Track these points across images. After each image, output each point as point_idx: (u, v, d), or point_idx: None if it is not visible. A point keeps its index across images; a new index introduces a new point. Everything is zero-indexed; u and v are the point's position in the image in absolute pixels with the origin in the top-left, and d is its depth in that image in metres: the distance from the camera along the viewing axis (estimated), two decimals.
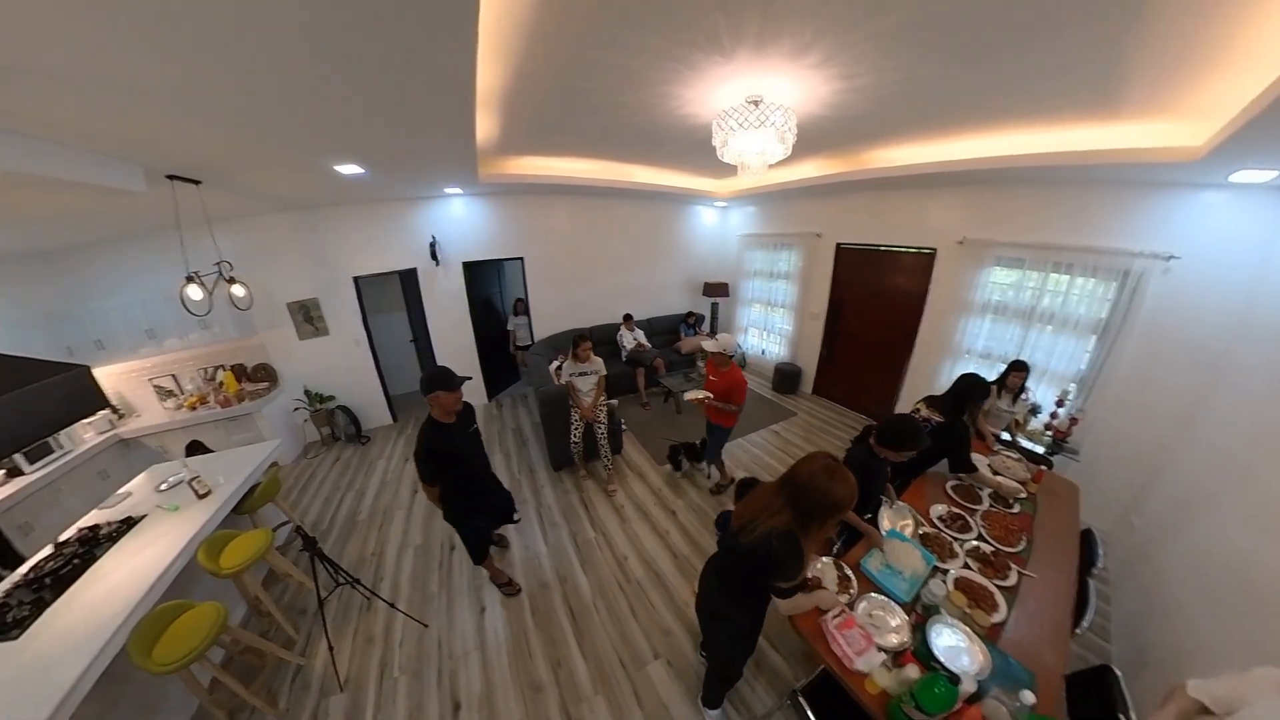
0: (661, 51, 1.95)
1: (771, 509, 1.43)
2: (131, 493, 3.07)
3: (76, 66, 1.38)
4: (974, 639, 1.65)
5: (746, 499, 1.58)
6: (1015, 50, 1.85)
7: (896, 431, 2.11)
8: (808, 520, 1.40)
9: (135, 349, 4.28)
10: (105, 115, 1.77)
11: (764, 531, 1.41)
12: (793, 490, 1.41)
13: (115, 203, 2.91)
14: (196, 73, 1.51)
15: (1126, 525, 2.94)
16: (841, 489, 1.38)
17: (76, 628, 1.97)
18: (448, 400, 2.21)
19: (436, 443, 2.23)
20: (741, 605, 1.70)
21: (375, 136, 2.48)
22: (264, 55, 1.44)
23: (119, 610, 2.03)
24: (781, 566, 1.43)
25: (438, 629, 2.70)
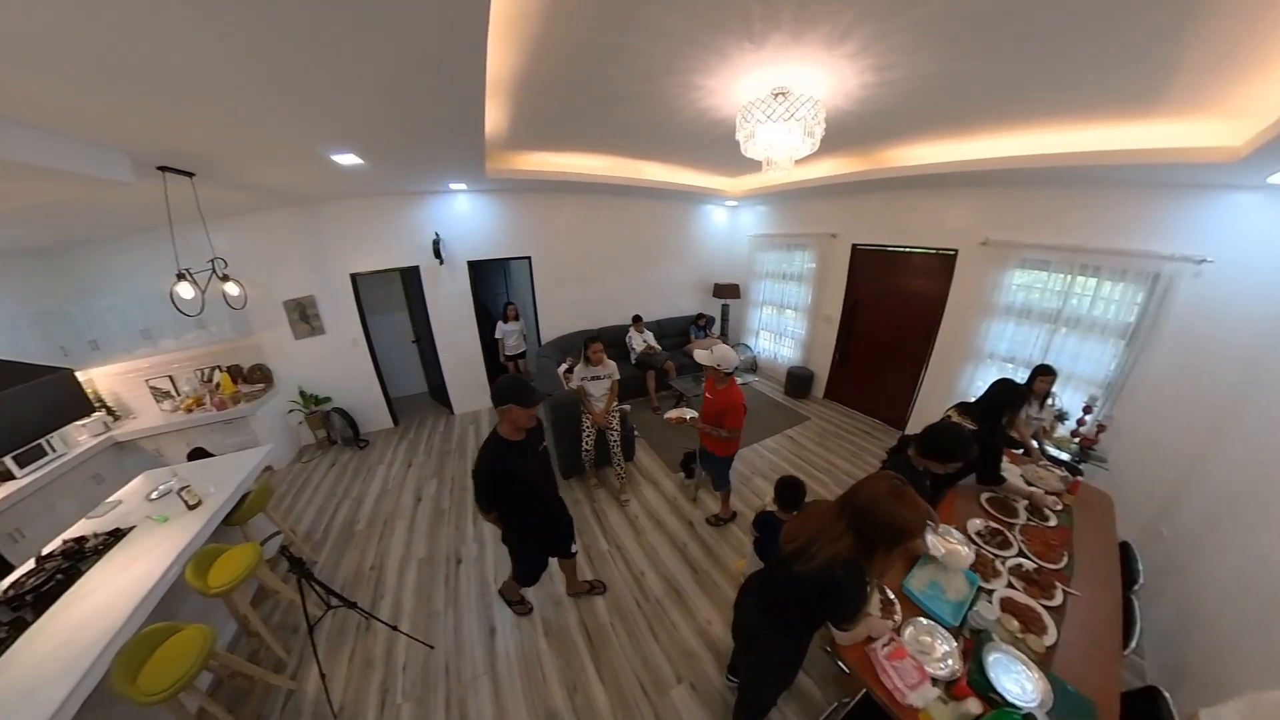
0: (686, 35, 1.82)
1: (832, 533, 1.30)
2: (122, 501, 2.90)
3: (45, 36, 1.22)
4: (1031, 666, 1.54)
5: (800, 519, 1.45)
6: (1062, 45, 1.75)
7: (943, 440, 1.94)
8: (872, 547, 1.27)
9: (131, 349, 4.13)
10: (80, 93, 1.61)
11: (825, 559, 1.28)
12: (854, 513, 1.29)
13: (104, 195, 2.74)
14: (179, 47, 1.37)
15: (1154, 535, 2.83)
16: (909, 513, 1.25)
17: (58, 652, 1.81)
18: (521, 416, 1.95)
19: (501, 462, 1.98)
20: (786, 634, 1.56)
21: (375, 123, 2.33)
22: (253, 27, 1.30)
23: (103, 633, 1.87)
24: (845, 598, 1.33)
25: (444, 651, 2.52)
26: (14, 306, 3.68)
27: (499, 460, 1.99)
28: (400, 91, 1.92)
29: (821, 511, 1.39)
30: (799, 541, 1.36)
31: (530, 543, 2.36)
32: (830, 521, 1.32)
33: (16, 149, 1.78)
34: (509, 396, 1.92)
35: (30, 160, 1.84)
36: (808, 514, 1.44)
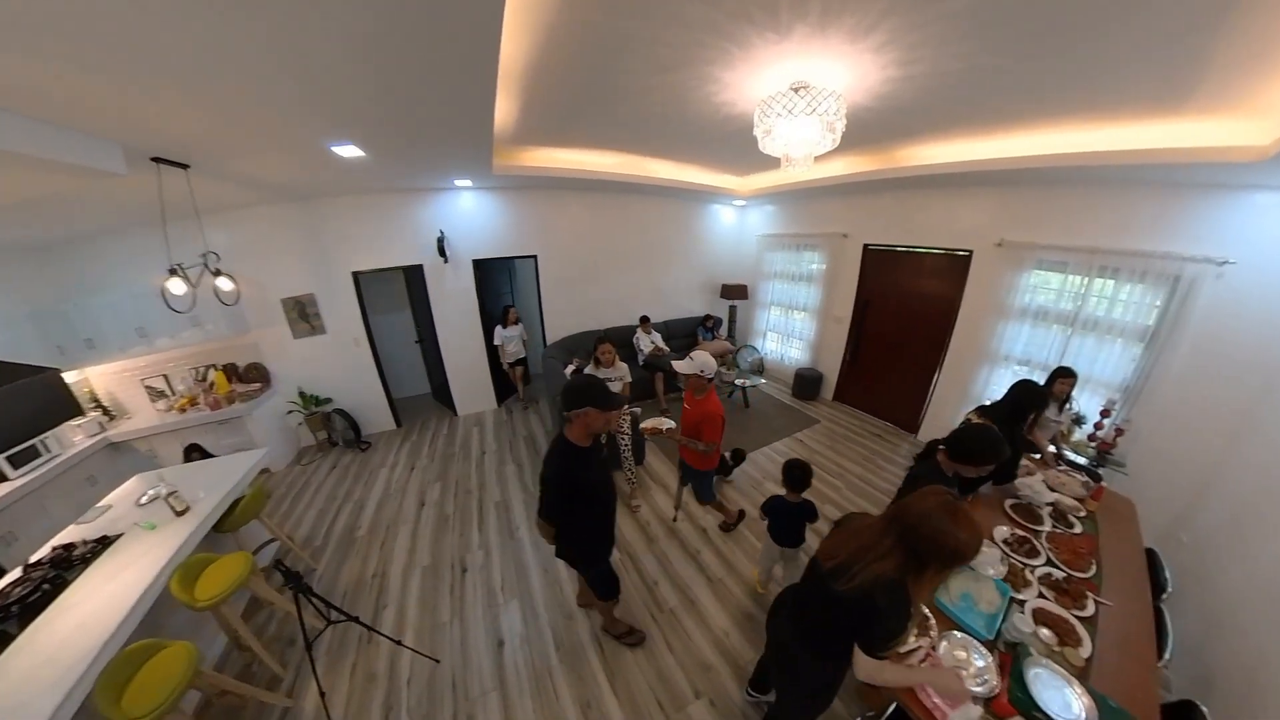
0: (710, 24, 1.76)
1: (877, 551, 1.20)
2: (112, 505, 2.78)
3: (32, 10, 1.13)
4: (1073, 681, 1.49)
5: (840, 534, 1.34)
6: (1095, 38, 1.70)
7: (977, 443, 1.86)
8: (921, 568, 1.17)
9: (126, 348, 4.02)
10: (71, 76, 1.50)
11: (867, 579, 1.18)
12: (903, 530, 1.19)
13: (95, 189, 2.65)
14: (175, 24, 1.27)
15: (1175, 542, 2.77)
16: (964, 533, 1.14)
17: (40, 670, 1.70)
18: (597, 420, 1.76)
19: (574, 471, 1.80)
20: (827, 658, 1.45)
21: (379, 112, 2.23)
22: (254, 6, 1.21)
23: (86, 651, 1.76)
24: (881, 621, 1.22)
25: (451, 665, 2.41)
26: (10, 306, 3.58)
27: (572, 469, 1.80)
28: (407, 78, 1.82)
29: (864, 527, 1.29)
30: (839, 559, 1.26)
31: (601, 555, 2.17)
32: (875, 538, 1.22)
33: (2, 137, 1.67)
34: (587, 399, 1.73)
35: (17, 149, 1.74)
36: (849, 529, 1.33)
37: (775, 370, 6.61)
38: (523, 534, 3.39)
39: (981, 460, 1.84)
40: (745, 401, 5.58)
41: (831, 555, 1.30)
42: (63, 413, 2.19)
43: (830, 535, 1.40)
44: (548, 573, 3.00)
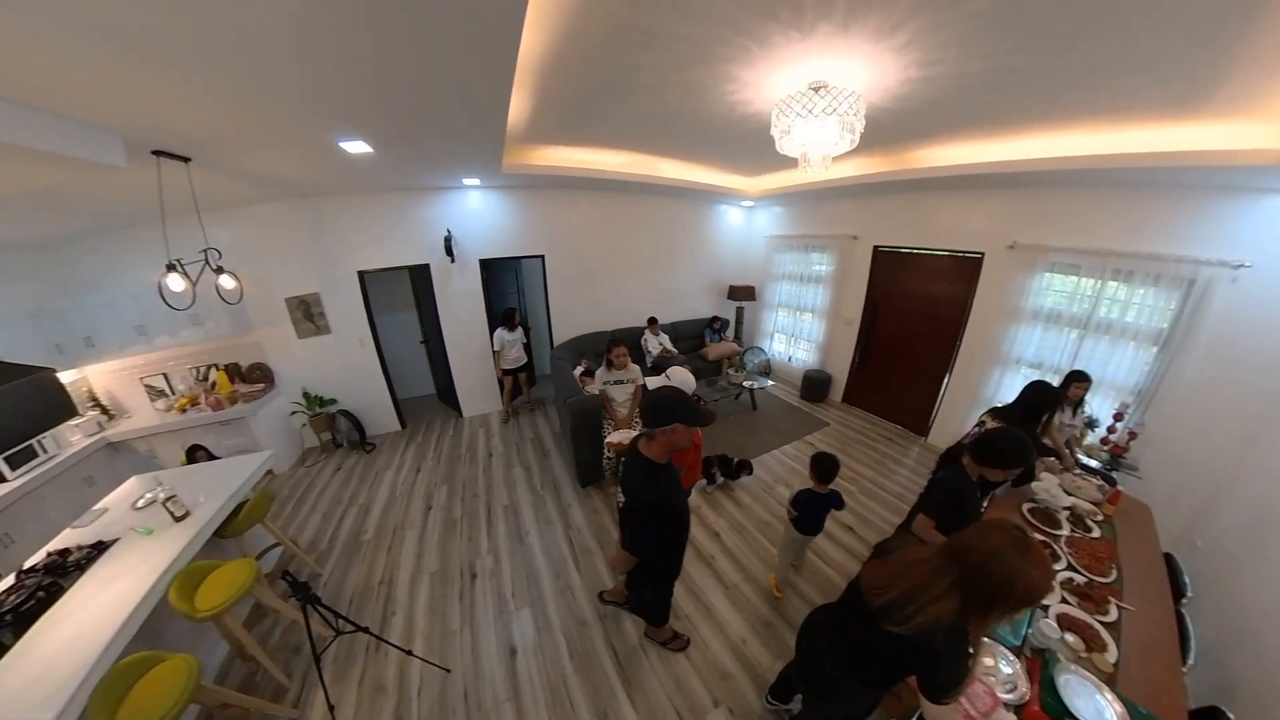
0: (731, 21, 1.73)
1: (933, 591, 1.08)
2: (108, 509, 2.70)
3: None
4: (1103, 688, 1.47)
5: (891, 568, 1.22)
6: (1122, 37, 1.68)
7: (1005, 447, 1.83)
8: (985, 610, 1.06)
9: (125, 346, 3.94)
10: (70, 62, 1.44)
11: (925, 622, 1.07)
12: (966, 571, 1.07)
13: (94, 182, 2.57)
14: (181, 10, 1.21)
15: (1188, 546, 2.75)
16: (1037, 572, 1.03)
17: (35, 684, 1.62)
18: (684, 437, 1.64)
19: (667, 493, 1.67)
20: (871, 687, 1.40)
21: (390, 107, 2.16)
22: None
23: (80, 664, 1.68)
24: (945, 668, 1.13)
25: (462, 675, 2.33)
26: (8, 304, 3.50)
27: (664, 491, 1.67)
28: (423, 72, 1.76)
29: (915, 562, 1.17)
30: (889, 595, 1.15)
31: (671, 581, 2.07)
32: (930, 577, 1.11)
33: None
34: (677, 414, 1.60)
35: (12, 139, 1.66)
36: (900, 563, 1.21)
37: (783, 372, 6.56)
38: (532, 539, 3.31)
39: (1010, 463, 1.82)
40: (753, 403, 5.52)
41: (879, 589, 1.18)
42: (58, 414, 2.11)
43: (874, 565, 1.29)
44: (559, 579, 2.93)
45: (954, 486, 1.92)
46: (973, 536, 1.11)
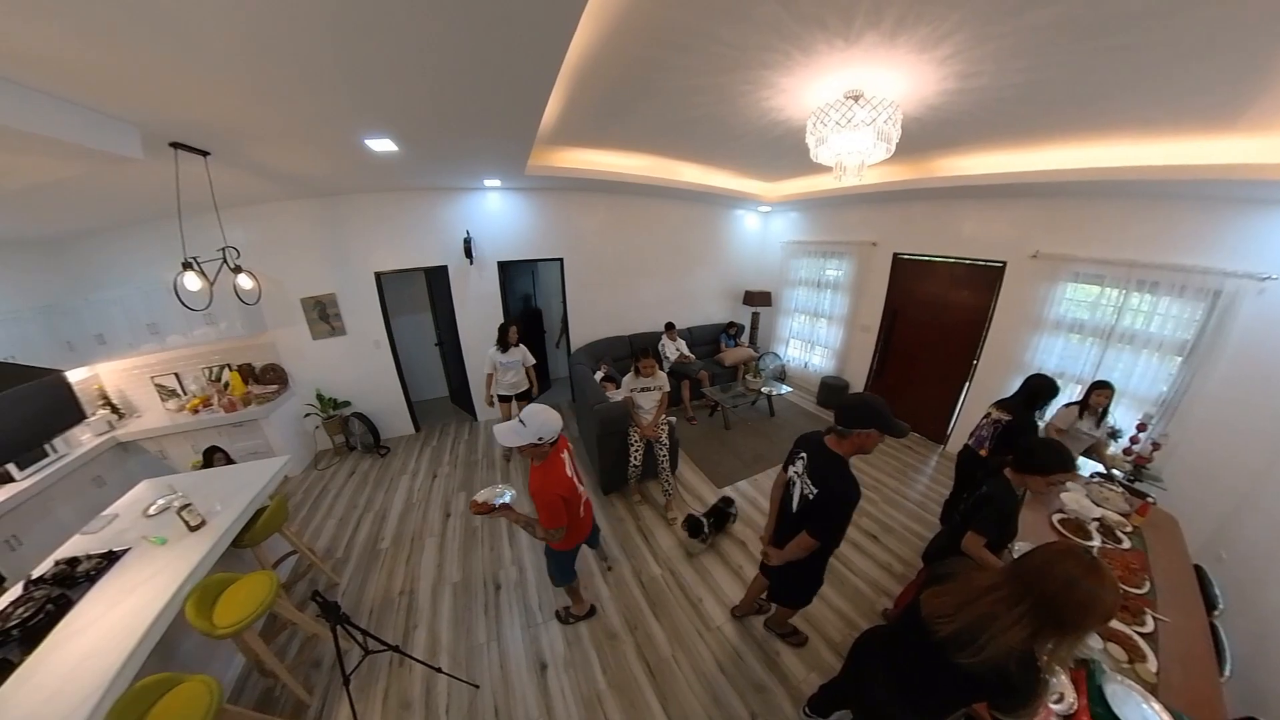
0: (777, 26, 1.71)
1: (1005, 621, 1.06)
2: (119, 515, 2.58)
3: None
4: (1149, 697, 1.48)
5: (953, 595, 1.17)
6: (1161, 61, 1.70)
7: (1046, 454, 1.82)
8: (1061, 635, 1.04)
9: (137, 345, 3.86)
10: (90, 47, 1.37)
11: (999, 652, 1.05)
12: (1041, 600, 1.04)
13: (109, 175, 2.49)
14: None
15: (1214, 558, 2.71)
16: (1110, 594, 1.02)
17: (46, 706, 1.52)
18: (873, 443, 1.69)
19: (845, 488, 1.72)
20: (923, 714, 1.34)
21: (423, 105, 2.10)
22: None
23: (94, 686, 1.56)
24: (1019, 694, 1.10)
25: (491, 691, 2.23)
26: (20, 301, 3.43)
27: (853, 484, 1.72)
28: (464, 72, 1.71)
29: (981, 590, 1.13)
30: (956, 625, 1.12)
31: (820, 564, 2.07)
32: (1001, 606, 1.08)
33: (13, 114, 1.53)
34: (879, 421, 1.63)
35: (29, 128, 1.60)
36: (964, 591, 1.17)
37: (799, 378, 6.50)
38: None
39: (1051, 470, 1.81)
40: (770, 410, 5.46)
41: (944, 616, 1.15)
42: (67, 418, 2.02)
43: (935, 593, 1.23)
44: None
45: (1006, 504, 1.88)
46: (1044, 563, 1.08)
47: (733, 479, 4.05)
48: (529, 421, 1.90)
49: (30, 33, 1.27)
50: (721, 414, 5.16)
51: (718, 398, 5.02)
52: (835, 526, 1.78)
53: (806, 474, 1.80)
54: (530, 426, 1.89)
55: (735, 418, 5.17)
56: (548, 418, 1.93)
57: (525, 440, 1.90)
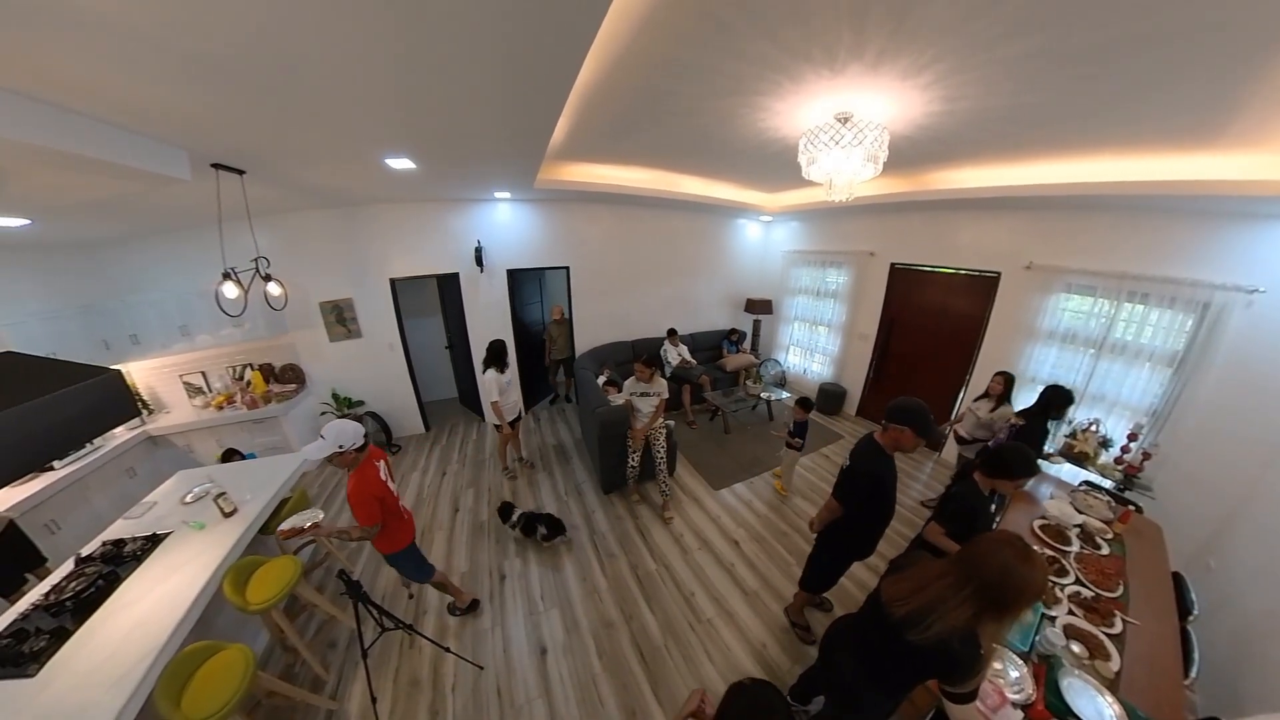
0: (767, 60, 1.84)
1: (952, 603, 1.20)
2: (158, 502, 2.82)
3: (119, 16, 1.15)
4: (1104, 691, 1.58)
5: (908, 581, 1.33)
6: (1139, 86, 1.79)
7: (1012, 457, 1.99)
8: (1000, 617, 1.18)
9: (168, 344, 4.11)
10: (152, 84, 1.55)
11: (943, 630, 1.20)
12: (983, 586, 1.18)
13: (155, 191, 2.71)
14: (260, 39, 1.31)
15: (1202, 567, 2.78)
16: (1039, 575, 1.17)
17: (103, 667, 1.72)
18: (907, 441, 1.91)
19: (881, 469, 2.00)
20: (888, 695, 1.52)
21: (440, 130, 2.29)
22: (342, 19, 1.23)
23: (148, 649, 1.78)
24: (961, 668, 1.25)
25: (494, 672, 2.41)
26: (60, 300, 3.69)
27: (879, 465, 1.99)
28: (477, 102, 1.89)
29: (933, 577, 1.28)
30: (910, 607, 1.27)
31: (852, 552, 2.30)
32: (949, 591, 1.22)
33: (84, 143, 1.73)
34: (914, 421, 1.87)
35: (96, 155, 1.79)
36: (918, 578, 1.32)
37: (799, 384, 6.62)
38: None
39: (1018, 474, 1.98)
40: (770, 414, 5.59)
41: (900, 601, 1.30)
42: (121, 414, 2.25)
43: (893, 580, 1.39)
44: (585, 582, 3.01)
45: (969, 502, 2.04)
46: (983, 552, 1.22)
47: (729, 482, 4.19)
48: (327, 434, 2.05)
49: (120, 78, 1.47)
50: (721, 418, 5.31)
51: (718, 402, 5.16)
52: (856, 497, 2.04)
53: (849, 453, 2.10)
54: (329, 438, 2.04)
55: (735, 422, 5.32)
56: (344, 427, 2.08)
57: (327, 451, 2.04)
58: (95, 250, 3.97)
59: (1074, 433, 3.46)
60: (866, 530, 2.19)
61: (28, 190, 2.35)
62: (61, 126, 1.63)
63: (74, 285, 3.83)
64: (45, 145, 1.60)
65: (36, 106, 1.56)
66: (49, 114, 1.60)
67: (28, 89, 1.50)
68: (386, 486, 2.23)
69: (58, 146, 1.63)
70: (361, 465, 2.15)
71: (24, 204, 2.59)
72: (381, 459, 2.29)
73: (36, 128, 1.57)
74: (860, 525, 2.15)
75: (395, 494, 2.33)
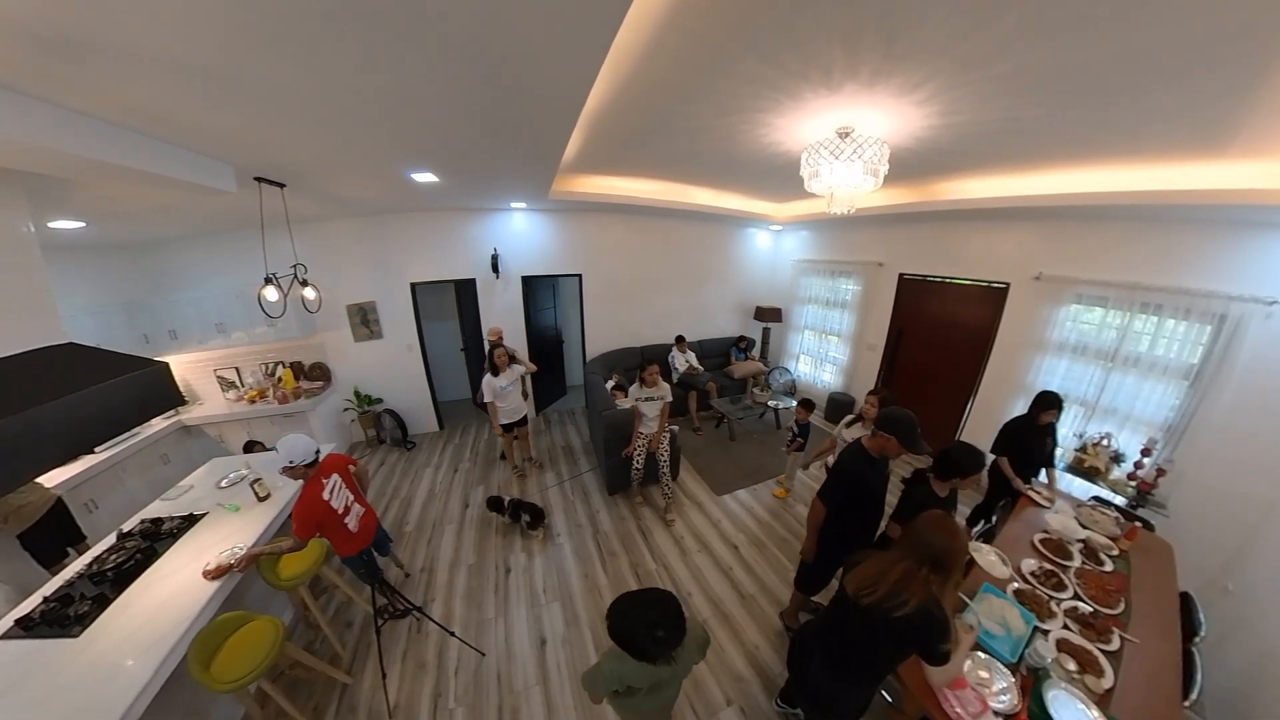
0: (767, 80, 1.92)
1: (919, 579, 1.40)
2: (193, 486, 3.04)
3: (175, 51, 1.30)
4: (1091, 706, 1.57)
5: (867, 569, 1.50)
6: (1134, 95, 1.78)
7: (959, 455, 2.09)
8: (947, 580, 1.41)
9: (204, 341, 4.40)
10: (202, 109, 1.74)
11: (922, 599, 1.38)
12: (933, 559, 1.40)
13: (203, 201, 2.97)
14: (304, 76, 1.48)
15: (1220, 590, 2.67)
16: (962, 539, 1.46)
17: (139, 632, 1.89)
18: (892, 448, 2.05)
19: (858, 465, 2.11)
20: (867, 685, 1.62)
21: (462, 148, 2.47)
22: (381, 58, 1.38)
23: (182, 617, 1.94)
24: (938, 631, 1.42)
25: (495, 659, 2.53)
26: (105, 297, 4.00)
27: (860, 466, 2.11)
28: (495, 124, 2.06)
29: (892, 564, 1.45)
30: (881, 592, 1.41)
31: (837, 555, 2.32)
32: (912, 570, 1.41)
33: (144, 159, 1.94)
34: (899, 430, 2.00)
35: (154, 170, 2.00)
36: (876, 566, 1.48)
37: (808, 393, 6.55)
38: (563, 540, 3.52)
39: (968, 470, 2.07)
40: (777, 423, 5.62)
41: (868, 589, 1.44)
42: (166, 402, 2.45)
43: (856, 574, 1.53)
44: (587, 578, 3.11)
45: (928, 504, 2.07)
46: (925, 537, 1.43)
47: (731, 488, 4.24)
48: (280, 448, 2.16)
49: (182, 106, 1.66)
50: (727, 425, 5.37)
51: (724, 409, 5.22)
52: (836, 494, 2.15)
53: (838, 453, 2.23)
54: (281, 452, 2.15)
55: (741, 429, 5.36)
56: (294, 443, 2.16)
57: (279, 464, 2.17)
58: (140, 251, 4.29)
59: (1084, 447, 3.40)
60: (855, 529, 2.24)
61: (91, 198, 2.62)
62: (127, 145, 1.84)
63: (119, 283, 4.15)
64: (115, 162, 1.81)
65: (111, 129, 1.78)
66: (119, 135, 1.81)
67: (110, 117, 1.72)
68: (328, 506, 2.22)
69: (123, 163, 1.84)
70: (309, 482, 2.20)
71: (84, 209, 2.86)
72: (336, 472, 2.33)
73: (110, 147, 1.78)
74: (847, 523, 2.21)
75: (342, 510, 2.31)
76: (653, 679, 1.40)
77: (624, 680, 1.39)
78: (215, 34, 1.20)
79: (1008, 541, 2.46)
